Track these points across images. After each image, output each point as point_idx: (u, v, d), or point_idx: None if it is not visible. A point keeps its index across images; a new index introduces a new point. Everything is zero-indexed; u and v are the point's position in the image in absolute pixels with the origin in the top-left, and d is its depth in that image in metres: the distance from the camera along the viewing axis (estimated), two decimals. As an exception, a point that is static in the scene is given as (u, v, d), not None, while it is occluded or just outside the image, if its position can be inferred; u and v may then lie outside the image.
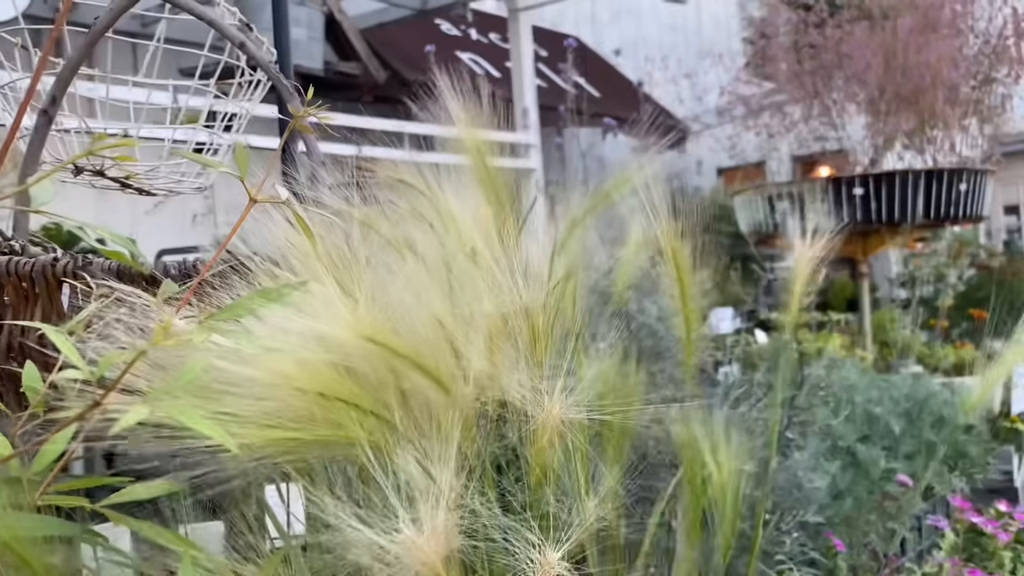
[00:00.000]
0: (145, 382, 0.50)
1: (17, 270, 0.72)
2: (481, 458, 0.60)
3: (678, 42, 9.72)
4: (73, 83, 0.92)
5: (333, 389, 0.51)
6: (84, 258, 0.73)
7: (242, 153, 0.56)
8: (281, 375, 0.50)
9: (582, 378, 0.67)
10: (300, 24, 4.33)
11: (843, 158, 3.87)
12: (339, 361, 0.52)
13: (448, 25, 6.89)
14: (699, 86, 5.92)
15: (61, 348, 0.42)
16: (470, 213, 0.79)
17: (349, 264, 0.66)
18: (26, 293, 0.72)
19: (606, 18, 9.30)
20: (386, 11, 5.73)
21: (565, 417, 0.57)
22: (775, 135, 3.82)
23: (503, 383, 0.62)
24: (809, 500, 1.89)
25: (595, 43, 8.91)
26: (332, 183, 0.83)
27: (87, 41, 0.89)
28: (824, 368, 2.45)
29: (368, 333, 0.52)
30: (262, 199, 0.57)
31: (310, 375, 0.51)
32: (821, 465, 2.01)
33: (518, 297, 0.66)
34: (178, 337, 0.42)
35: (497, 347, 0.66)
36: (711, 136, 5.72)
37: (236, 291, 0.59)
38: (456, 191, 0.81)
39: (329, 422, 0.52)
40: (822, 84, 3.36)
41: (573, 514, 0.56)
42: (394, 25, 5.74)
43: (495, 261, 0.70)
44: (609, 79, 7.98)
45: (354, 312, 0.59)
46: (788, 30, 4.42)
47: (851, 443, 2.16)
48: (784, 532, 1.54)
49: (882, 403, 2.37)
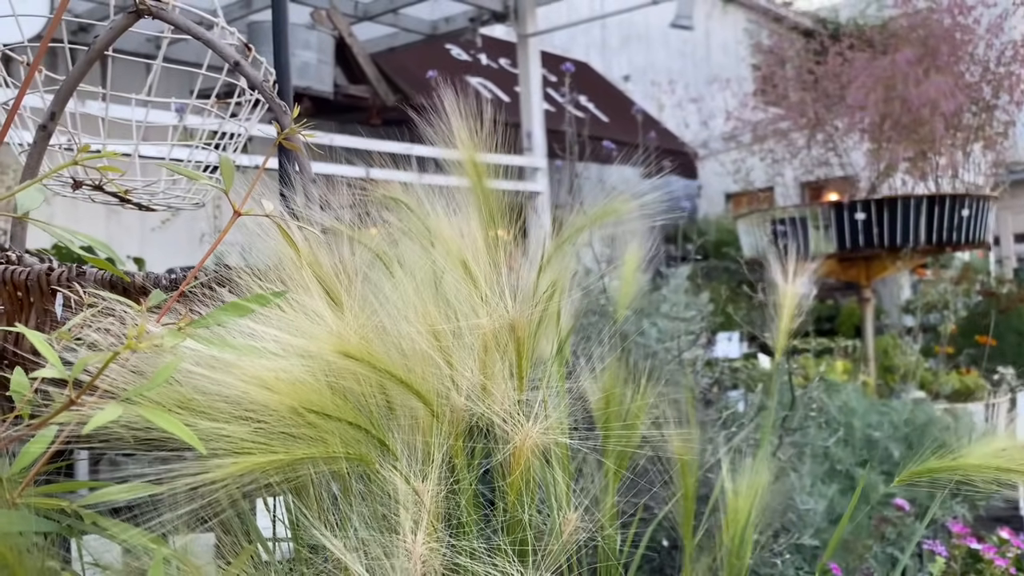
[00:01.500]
0: (129, 387, 0.52)
1: (12, 278, 0.74)
2: (462, 473, 0.61)
3: (687, 68, 9.79)
4: (82, 101, 0.95)
5: (307, 401, 0.52)
6: (78, 268, 0.75)
7: (227, 166, 0.58)
8: (256, 381, 0.52)
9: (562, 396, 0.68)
10: (311, 48, 4.38)
11: (851, 184, 3.88)
12: (314, 373, 0.53)
13: (458, 50, 6.96)
14: (706, 112, 5.96)
15: (40, 350, 0.44)
16: (459, 231, 0.81)
17: (337, 277, 0.68)
18: (20, 302, 0.74)
19: (616, 44, 9.38)
20: (396, 36, 5.80)
21: (540, 440, 0.58)
22: (779, 161, 3.84)
23: (485, 398, 0.63)
24: (805, 523, 1.89)
25: (604, 69, 8.98)
26: (324, 201, 0.86)
27: (86, 59, 0.91)
28: (824, 392, 2.45)
29: (342, 347, 0.53)
30: (246, 212, 0.59)
31: (285, 384, 0.53)
32: (818, 488, 2.01)
33: (504, 311, 0.68)
34: (150, 342, 0.43)
35: (482, 360, 0.67)
36: (718, 161, 5.75)
37: (221, 301, 0.60)
38: (447, 210, 0.83)
39: (305, 435, 0.53)
40: (824, 111, 3.38)
41: (550, 536, 0.57)
42: (404, 49, 5.82)
43: (482, 277, 0.71)
44: (618, 104, 8.03)
45: (336, 324, 0.60)
46: (792, 57, 4.45)
47: (849, 467, 2.16)
48: (776, 554, 1.54)
49: (881, 427, 2.37)
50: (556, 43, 8.04)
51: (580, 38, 8.77)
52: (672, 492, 1.13)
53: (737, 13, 9.57)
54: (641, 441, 0.92)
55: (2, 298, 0.75)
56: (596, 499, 0.75)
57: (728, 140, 5.20)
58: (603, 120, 7.36)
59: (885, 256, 3.06)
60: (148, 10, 0.92)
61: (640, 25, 9.29)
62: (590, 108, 7.48)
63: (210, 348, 0.51)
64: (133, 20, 0.93)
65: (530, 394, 0.64)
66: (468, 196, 0.81)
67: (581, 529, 0.71)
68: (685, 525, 0.96)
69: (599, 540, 0.78)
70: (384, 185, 0.92)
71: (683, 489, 1.02)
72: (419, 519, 0.49)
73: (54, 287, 0.68)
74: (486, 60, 7.08)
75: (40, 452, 0.55)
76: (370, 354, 0.54)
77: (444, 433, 0.57)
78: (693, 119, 6.27)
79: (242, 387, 0.51)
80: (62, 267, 0.75)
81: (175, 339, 0.50)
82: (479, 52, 6.94)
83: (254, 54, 1.13)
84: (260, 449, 0.49)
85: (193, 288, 0.62)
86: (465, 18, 5.57)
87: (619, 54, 9.37)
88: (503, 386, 0.58)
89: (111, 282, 0.74)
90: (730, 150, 5.22)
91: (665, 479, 1.10)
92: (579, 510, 0.71)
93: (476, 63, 6.99)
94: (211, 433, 0.49)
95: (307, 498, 0.58)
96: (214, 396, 0.52)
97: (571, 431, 0.70)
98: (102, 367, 0.43)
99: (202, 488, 0.52)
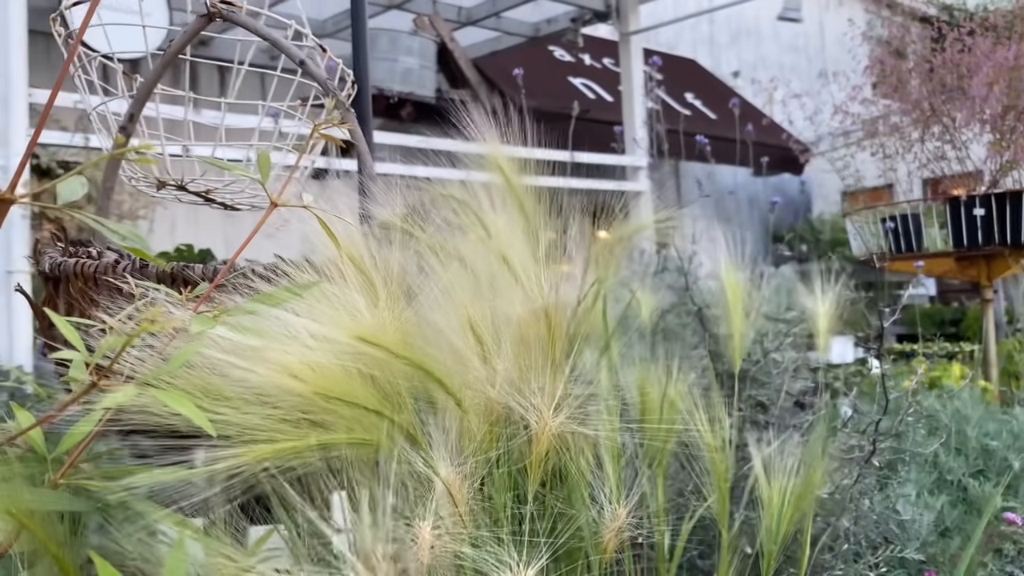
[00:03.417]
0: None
1: (83, 271, 0.78)
2: (488, 462, 0.60)
3: (800, 62, 9.47)
4: (198, 111, 1.00)
5: (328, 388, 0.52)
6: (142, 263, 0.78)
7: (264, 161, 0.59)
8: (280, 368, 0.52)
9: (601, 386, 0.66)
10: (413, 54, 4.47)
11: (975, 179, 3.66)
12: (338, 360, 0.54)
13: (561, 51, 6.95)
14: (813, 107, 5.75)
15: (66, 335, 0.45)
16: (507, 226, 0.80)
17: (379, 269, 0.68)
18: (89, 292, 0.78)
19: (725, 40, 9.17)
20: (499, 39, 5.84)
21: (565, 429, 0.56)
22: (890, 156, 3.65)
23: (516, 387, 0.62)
24: (909, 535, 1.79)
25: (712, 65, 8.79)
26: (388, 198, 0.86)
27: (161, 63, 0.95)
28: (935, 398, 2.32)
29: (363, 334, 0.53)
30: (282, 203, 0.60)
31: (309, 372, 0.53)
32: (924, 499, 1.90)
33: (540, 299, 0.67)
34: (167, 326, 0.44)
35: (520, 351, 0.66)
36: (826, 159, 5.54)
37: (257, 292, 0.61)
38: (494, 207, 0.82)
39: (325, 421, 0.53)
40: (940, 103, 3.19)
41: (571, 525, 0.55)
42: (506, 52, 5.85)
43: (521, 270, 0.70)
44: (725, 101, 7.85)
45: (369, 314, 0.60)
46: (911, 44, 4.23)
47: (961, 477, 2.03)
48: (873, 566, 1.46)
49: (1000, 436, 2.22)
50: (662, 40, 7.93)
51: (687, 35, 8.62)
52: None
53: (854, 4, 9.20)
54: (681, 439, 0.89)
55: (73, 288, 0.79)
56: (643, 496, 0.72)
57: (837, 136, 5.00)
58: (710, 117, 7.21)
59: (1008, 254, 2.86)
60: (219, 13, 0.95)
61: (750, 20, 9.05)
62: (696, 105, 7.34)
63: (237, 335, 0.52)
64: (205, 24, 0.97)
65: (568, 387, 0.62)
66: (506, 194, 0.80)
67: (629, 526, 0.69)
68: (721, 520, 0.92)
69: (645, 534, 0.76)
70: (442, 184, 0.92)
71: (719, 492, 0.97)
72: (431, 508, 0.48)
73: (105, 279, 0.70)
74: (589, 60, 7.05)
75: (84, 434, 0.57)
76: (389, 342, 0.54)
77: (470, 422, 0.56)
78: (798, 115, 6.05)
79: (265, 374, 0.52)
80: (127, 260, 0.78)
81: (203, 325, 0.51)
82: (582, 52, 6.92)
83: (329, 55, 1.15)
84: (280, 436, 0.49)
85: (234, 280, 0.63)
86: (567, 19, 5.56)
87: (728, 50, 9.16)
88: (531, 375, 0.57)
89: (172, 275, 0.77)
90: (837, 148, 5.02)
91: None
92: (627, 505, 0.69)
93: (579, 63, 6.96)
94: (232, 420, 0.50)
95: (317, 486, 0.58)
96: (240, 383, 0.53)
97: (616, 425, 0.68)
98: (119, 351, 0.45)
99: (233, 473, 0.53)
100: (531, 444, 0.56)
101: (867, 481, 1.60)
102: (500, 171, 0.77)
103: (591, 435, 0.58)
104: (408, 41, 4.44)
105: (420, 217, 0.92)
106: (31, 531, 0.51)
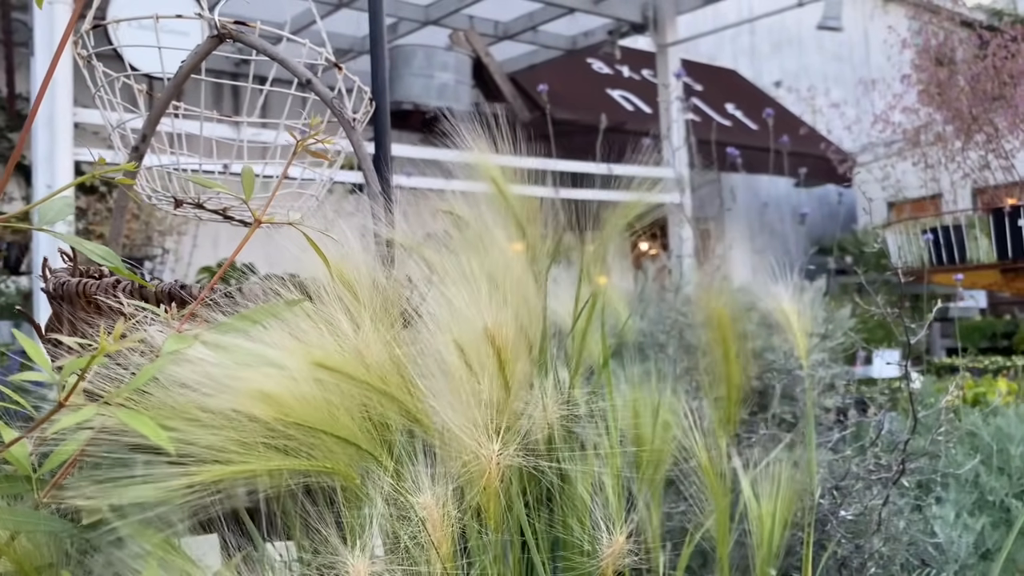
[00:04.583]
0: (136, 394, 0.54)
1: (84, 290, 0.79)
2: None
3: (843, 71, 9.34)
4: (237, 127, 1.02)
5: (292, 413, 0.52)
6: (140, 284, 0.78)
7: (247, 176, 0.59)
8: (244, 393, 0.52)
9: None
10: (448, 69, 4.50)
11: (1022, 188, 3.56)
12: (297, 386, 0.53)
13: (599, 64, 6.95)
14: (865, 117, 5.64)
15: (31, 354, 0.46)
16: (504, 239, 0.80)
17: (367, 289, 0.68)
18: (89, 312, 0.78)
19: (766, 50, 9.08)
20: (536, 53, 5.86)
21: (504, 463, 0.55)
22: (932, 166, 3.56)
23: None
24: (947, 557, 1.73)
25: (754, 76, 8.71)
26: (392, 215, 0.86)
27: (174, 83, 0.97)
28: (978, 415, 2.25)
29: (318, 359, 0.53)
30: (266, 220, 0.60)
31: (268, 397, 0.52)
32: (964, 520, 1.84)
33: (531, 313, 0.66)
34: (127, 345, 0.44)
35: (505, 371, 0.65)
36: (866, 169, 5.44)
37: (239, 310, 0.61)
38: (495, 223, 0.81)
39: (288, 447, 0.53)
40: (982, 111, 3.11)
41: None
42: (544, 66, 5.86)
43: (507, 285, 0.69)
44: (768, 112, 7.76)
45: (354, 334, 0.60)
46: (956, 51, 4.13)
47: (1004, 497, 1.96)
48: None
49: (1045, 455, 2.14)
50: (702, 51, 7.88)
51: (727, 45, 8.55)
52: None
53: (898, 11, 9.04)
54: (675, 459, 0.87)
55: (77, 309, 0.80)
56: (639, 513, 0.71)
57: (877, 146, 4.90)
58: (751, 128, 7.13)
59: (1056, 266, 2.77)
60: (229, 34, 0.96)
61: (792, 29, 8.95)
62: (737, 116, 7.27)
63: (208, 354, 0.52)
64: (216, 44, 0.98)
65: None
66: (497, 204, 0.79)
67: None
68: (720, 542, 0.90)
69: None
70: (441, 198, 0.92)
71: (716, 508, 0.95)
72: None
73: (94, 298, 0.71)
74: (628, 72, 7.03)
75: (69, 455, 0.57)
76: (348, 366, 0.53)
77: (445, 450, 0.55)
78: (837, 124, 5.95)
79: (226, 398, 0.51)
80: (126, 281, 0.79)
81: (178, 344, 0.51)
82: (620, 64, 6.90)
83: (345, 72, 1.16)
84: (236, 459, 0.49)
85: (226, 296, 0.63)
86: (604, 31, 5.55)
87: (770, 60, 9.06)
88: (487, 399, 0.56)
89: (170, 295, 0.77)
90: (878, 159, 4.92)
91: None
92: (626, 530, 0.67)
93: (618, 76, 6.95)
94: (195, 440, 0.49)
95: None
96: (202, 405, 0.52)
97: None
98: (83, 370, 0.45)
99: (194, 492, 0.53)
100: (480, 477, 0.55)
101: (900, 502, 1.55)
102: (494, 182, 0.77)
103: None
104: (444, 56, 4.47)
105: (430, 233, 0.92)
106: (8, 554, 0.52)
